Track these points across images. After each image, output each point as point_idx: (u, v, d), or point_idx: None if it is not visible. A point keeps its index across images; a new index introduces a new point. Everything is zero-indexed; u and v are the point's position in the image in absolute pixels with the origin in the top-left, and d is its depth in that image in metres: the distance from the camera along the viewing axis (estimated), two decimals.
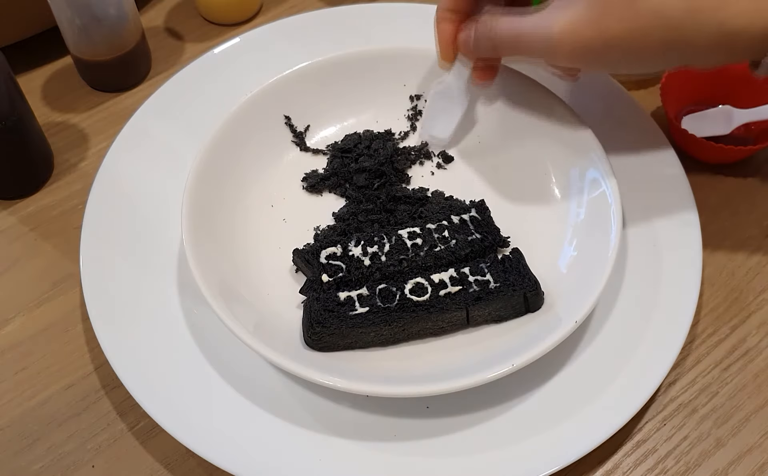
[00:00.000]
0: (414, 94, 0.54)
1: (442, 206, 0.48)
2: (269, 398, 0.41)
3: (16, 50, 0.58)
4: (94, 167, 0.51)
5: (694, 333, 0.45)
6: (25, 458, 0.41)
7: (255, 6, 0.65)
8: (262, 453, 0.39)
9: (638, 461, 0.40)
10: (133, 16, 0.56)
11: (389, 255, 0.44)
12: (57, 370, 0.44)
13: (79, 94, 0.59)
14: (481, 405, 0.40)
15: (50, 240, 0.50)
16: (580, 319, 0.39)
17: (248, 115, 0.50)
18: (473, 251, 0.44)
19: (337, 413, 0.41)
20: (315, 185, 0.50)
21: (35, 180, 0.53)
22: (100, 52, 0.56)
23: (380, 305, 0.41)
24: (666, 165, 0.50)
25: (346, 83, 0.53)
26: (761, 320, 0.45)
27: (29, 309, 0.47)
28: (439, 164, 0.51)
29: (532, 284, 0.42)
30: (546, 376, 0.41)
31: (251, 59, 0.57)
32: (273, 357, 0.38)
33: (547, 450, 0.39)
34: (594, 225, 0.45)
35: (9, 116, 0.48)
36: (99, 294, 0.45)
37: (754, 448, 0.40)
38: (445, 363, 0.41)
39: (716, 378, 0.43)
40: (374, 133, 0.53)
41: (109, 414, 0.43)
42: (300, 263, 0.45)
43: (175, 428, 0.39)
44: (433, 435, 0.40)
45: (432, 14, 0.60)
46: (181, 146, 0.52)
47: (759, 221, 0.50)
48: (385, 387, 0.38)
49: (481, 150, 0.52)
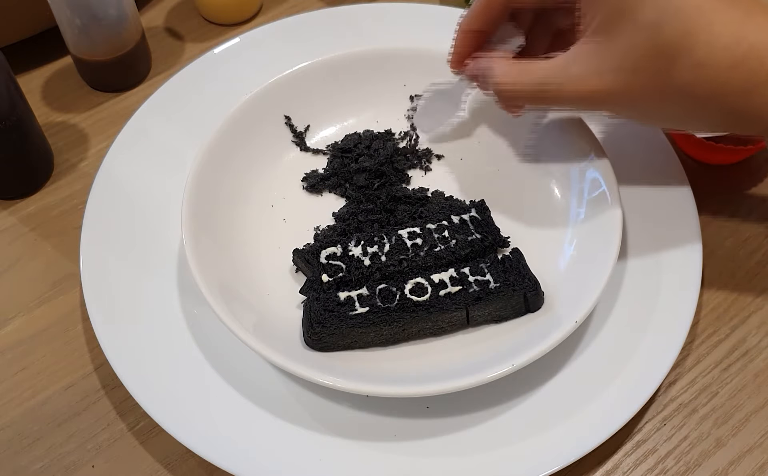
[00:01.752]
0: (414, 94, 0.54)
1: (442, 206, 0.48)
2: (269, 398, 0.41)
3: (16, 50, 0.58)
4: (94, 167, 0.51)
5: (694, 333, 0.45)
6: (25, 458, 0.41)
7: (255, 6, 0.65)
8: (262, 453, 0.39)
9: (638, 461, 0.40)
10: (133, 16, 0.56)
11: (389, 255, 0.44)
12: (57, 370, 0.44)
13: (79, 94, 0.59)
14: (481, 405, 0.40)
15: (50, 240, 0.50)
16: (580, 319, 0.39)
17: (248, 115, 0.50)
18: (473, 251, 0.44)
19: (337, 413, 0.41)
20: (315, 185, 0.50)
21: (35, 180, 0.53)
22: (100, 52, 0.56)
23: (380, 305, 0.41)
24: (666, 165, 0.50)
25: (346, 83, 0.53)
26: (761, 320, 0.45)
27: (29, 309, 0.47)
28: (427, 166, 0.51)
29: (532, 284, 0.42)
30: (546, 376, 0.41)
31: (251, 59, 0.57)
32: (273, 357, 0.38)
33: (547, 450, 0.39)
34: (594, 225, 0.45)
35: (9, 116, 0.48)
36: (99, 294, 0.45)
37: (754, 448, 0.40)
38: (445, 363, 0.41)
39: (716, 378, 0.43)
40: (374, 133, 0.53)
41: (109, 414, 0.43)
42: (300, 263, 0.45)
43: (175, 428, 0.39)
44: (433, 435, 0.40)
45: (431, 14, 0.60)
46: (181, 146, 0.52)
47: (759, 221, 0.50)
48: (385, 387, 0.38)
49: (481, 150, 0.52)
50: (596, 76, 0.38)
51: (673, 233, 0.46)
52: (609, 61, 0.37)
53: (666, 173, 0.49)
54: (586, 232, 0.45)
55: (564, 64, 0.39)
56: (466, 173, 0.51)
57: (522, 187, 0.49)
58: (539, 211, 0.48)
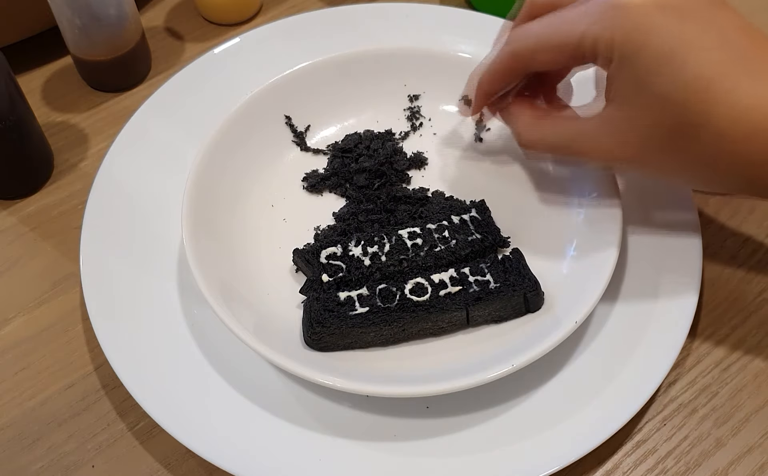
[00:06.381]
0: (414, 94, 0.54)
1: (443, 206, 0.48)
2: (269, 398, 0.41)
3: (16, 50, 0.58)
4: (94, 167, 0.51)
5: (694, 333, 0.45)
6: (25, 458, 0.41)
7: (255, 6, 0.65)
8: (262, 453, 0.39)
9: (638, 461, 0.40)
10: (133, 16, 0.56)
11: (389, 255, 0.44)
12: (57, 370, 0.44)
13: (79, 94, 0.59)
14: (481, 405, 0.40)
15: (50, 240, 0.50)
16: (580, 319, 0.39)
17: (248, 115, 0.50)
18: (473, 252, 0.44)
19: (337, 413, 0.41)
20: (315, 185, 0.50)
21: (35, 180, 0.53)
22: (100, 52, 0.56)
23: (380, 305, 0.41)
24: None
25: (346, 83, 0.53)
26: (761, 320, 0.45)
27: (29, 309, 0.47)
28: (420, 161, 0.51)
29: (532, 285, 0.42)
30: (546, 376, 0.41)
31: (251, 59, 0.57)
32: (273, 357, 0.38)
33: (547, 450, 0.39)
34: (594, 225, 0.45)
35: (9, 116, 0.48)
36: (99, 294, 0.45)
37: (754, 448, 0.40)
38: (445, 363, 0.41)
39: (716, 378, 0.43)
40: (374, 133, 0.53)
41: (109, 414, 0.43)
42: (300, 263, 0.45)
43: (175, 428, 0.39)
44: (433, 435, 0.40)
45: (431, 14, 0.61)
46: (181, 146, 0.52)
47: (759, 221, 0.50)
48: (385, 387, 0.38)
49: (482, 151, 0.52)
50: (621, 146, 0.39)
51: (673, 233, 0.46)
52: (633, 134, 0.38)
53: None
54: (586, 232, 0.45)
55: (591, 128, 0.40)
56: (466, 173, 0.51)
57: (522, 187, 0.49)
58: (539, 211, 0.48)
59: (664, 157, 0.38)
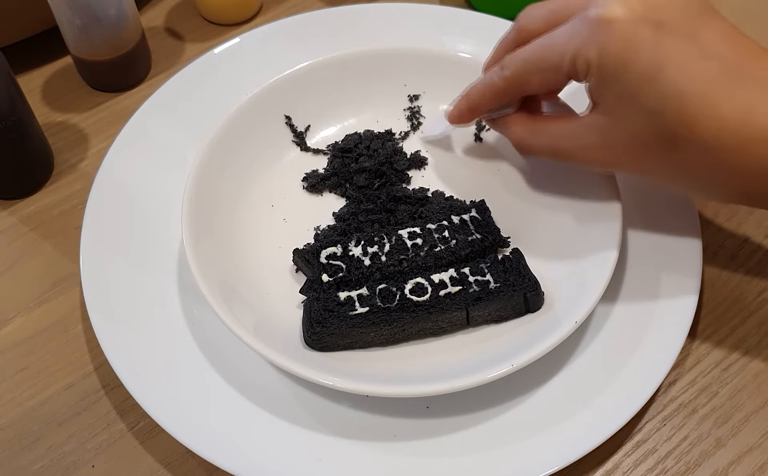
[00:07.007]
0: (414, 94, 0.54)
1: (443, 206, 0.48)
2: (269, 398, 0.41)
3: (16, 50, 0.58)
4: (94, 167, 0.51)
5: (694, 333, 0.45)
6: (25, 458, 0.41)
7: (255, 6, 0.65)
8: (262, 453, 0.39)
9: (638, 461, 0.40)
10: (133, 16, 0.56)
11: (389, 255, 0.44)
12: (57, 370, 0.44)
13: (79, 94, 0.59)
14: (481, 405, 0.40)
15: (50, 240, 0.50)
16: (580, 319, 0.39)
17: (248, 115, 0.50)
18: (473, 252, 0.44)
19: (337, 413, 0.41)
20: (315, 185, 0.50)
21: (35, 180, 0.53)
22: (100, 52, 0.56)
23: (380, 305, 0.41)
24: None
25: (346, 83, 0.53)
26: (761, 320, 0.45)
27: (29, 309, 0.47)
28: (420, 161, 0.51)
29: (532, 285, 0.42)
30: (546, 376, 0.41)
31: (251, 59, 0.57)
32: (273, 357, 0.38)
33: (547, 450, 0.39)
34: (594, 225, 0.45)
35: (9, 116, 0.48)
36: (99, 294, 0.45)
37: (754, 448, 0.40)
38: (445, 363, 0.41)
39: (716, 378, 0.43)
40: (374, 133, 0.53)
41: (109, 414, 0.43)
42: (300, 263, 0.45)
43: (175, 428, 0.39)
44: (433, 435, 0.40)
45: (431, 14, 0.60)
46: (181, 146, 0.52)
47: (759, 221, 0.50)
48: (385, 387, 0.38)
49: (482, 150, 0.52)
50: (606, 149, 0.39)
51: (673, 233, 0.46)
52: (618, 139, 0.38)
53: None
54: (586, 232, 0.45)
55: (577, 132, 0.40)
56: (466, 173, 0.51)
57: (522, 187, 0.49)
58: (539, 211, 0.48)
59: (647, 162, 0.38)
